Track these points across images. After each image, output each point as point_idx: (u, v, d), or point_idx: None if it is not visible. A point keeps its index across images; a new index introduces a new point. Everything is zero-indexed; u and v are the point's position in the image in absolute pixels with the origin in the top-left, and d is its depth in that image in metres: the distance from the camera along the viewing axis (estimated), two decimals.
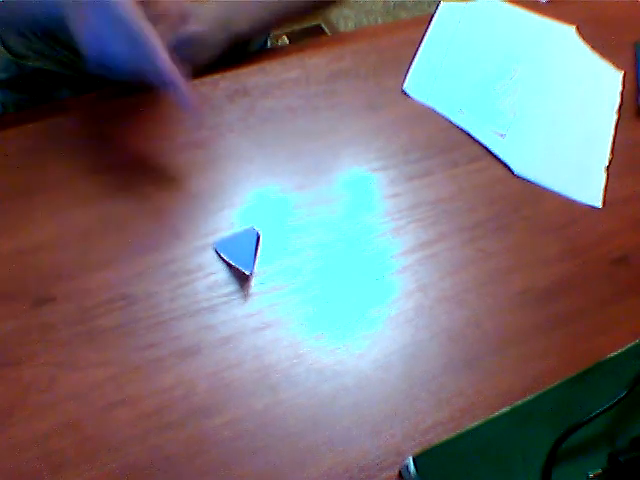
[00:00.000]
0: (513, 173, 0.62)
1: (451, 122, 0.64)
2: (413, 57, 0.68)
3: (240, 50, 0.72)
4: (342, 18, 1.82)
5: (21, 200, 0.53)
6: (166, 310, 0.50)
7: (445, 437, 0.46)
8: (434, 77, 0.67)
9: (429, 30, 0.70)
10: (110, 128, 0.57)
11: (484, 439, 0.46)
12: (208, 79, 0.62)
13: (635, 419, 0.49)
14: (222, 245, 0.52)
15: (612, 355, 0.51)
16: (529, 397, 0.49)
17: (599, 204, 0.62)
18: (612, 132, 0.67)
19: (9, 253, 0.50)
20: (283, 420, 0.47)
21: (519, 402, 0.48)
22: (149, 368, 0.47)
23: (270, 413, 0.47)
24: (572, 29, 0.74)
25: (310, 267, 0.53)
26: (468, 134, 0.64)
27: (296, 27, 0.85)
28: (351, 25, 1.81)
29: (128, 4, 0.48)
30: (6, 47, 0.74)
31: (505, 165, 0.62)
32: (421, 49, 0.68)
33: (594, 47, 0.73)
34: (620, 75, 0.72)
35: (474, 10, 0.73)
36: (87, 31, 0.49)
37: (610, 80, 0.72)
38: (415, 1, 1.89)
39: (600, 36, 0.74)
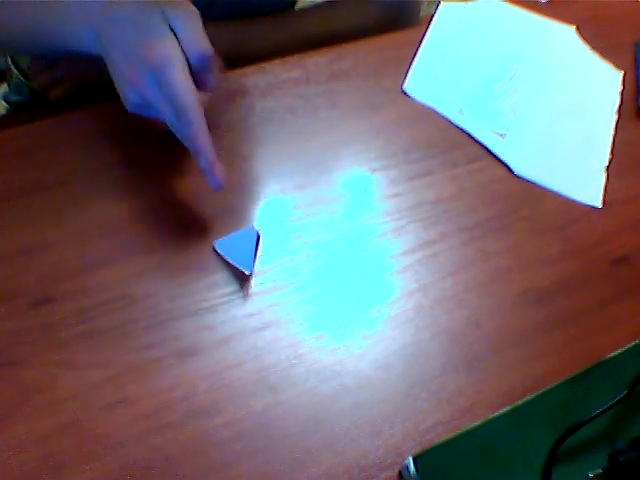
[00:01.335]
0: (513, 173, 0.62)
1: (451, 122, 0.64)
2: (413, 57, 0.68)
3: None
4: None
5: (21, 200, 0.53)
6: (165, 310, 0.49)
7: (445, 437, 0.46)
8: (434, 77, 0.67)
9: (429, 30, 0.70)
10: (110, 128, 0.57)
11: (484, 439, 0.46)
12: None
13: (635, 419, 0.49)
14: (222, 245, 0.52)
15: (612, 355, 0.51)
16: (529, 397, 0.49)
17: (599, 204, 0.62)
18: (612, 132, 0.67)
19: (9, 253, 0.50)
20: (283, 420, 0.47)
21: (519, 402, 0.48)
22: (148, 368, 0.47)
23: (270, 413, 0.47)
24: (572, 29, 0.74)
25: (310, 267, 0.53)
26: (468, 134, 0.64)
27: None
28: None
29: (183, 79, 0.46)
30: (19, 69, 0.73)
31: (505, 165, 0.62)
32: (421, 49, 0.68)
33: (594, 47, 0.73)
34: (620, 75, 0.72)
35: (474, 10, 0.73)
36: (132, 88, 0.47)
37: (610, 80, 0.72)
38: None
39: (600, 36, 0.74)
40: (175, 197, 0.55)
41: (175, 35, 0.47)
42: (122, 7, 0.48)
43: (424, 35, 0.70)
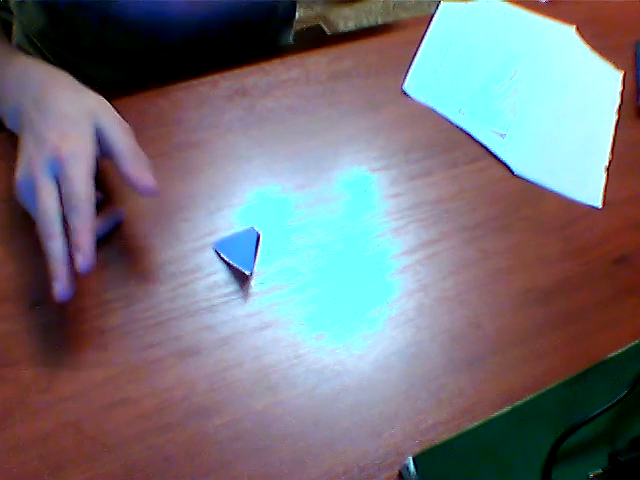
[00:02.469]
0: (513, 173, 0.62)
1: (451, 122, 0.64)
2: (413, 57, 0.68)
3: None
4: (342, 18, 1.81)
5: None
6: (166, 310, 0.49)
7: (445, 437, 0.46)
8: (434, 77, 0.67)
9: (429, 30, 0.70)
10: None
11: (484, 439, 0.46)
12: (208, 79, 0.62)
13: (635, 419, 0.49)
14: (222, 245, 0.52)
15: (612, 355, 0.51)
16: (529, 397, 0.49)
17: (599, 204, 0.62)
18: (612, 132, 0.67)
19: (9, 253, 0.50)
20: (283, 420, 0.47)
21: (519, 402, 0.48)
22: (148, 368, 0.47)
23: (270, 413, 0.47)
24: (572, 29, 0.74)
25: (310, 267, 0.53)
26: (468, 134, 0.64)
27: (296, 27, 0.85)
28: (351, 25, 1.81)
29: (84, 177, 0.44)
30: None
31: (505, 165, 0.62)
32: (421, 49, 0.68)
33: (594, 47, 0.73)
34: (620, 75, 0.72)
35: (474, 10, 0.73)
36: (27, 166, 0.45)
37: (610, 80, 0.72)
38: (415, 1, 1.88)
39: (600, 36, 0.74)
40: (175, 197, 0.55)
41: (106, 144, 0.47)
42: (56, 100, 0.47)
43: (424, 35, 0.70)
